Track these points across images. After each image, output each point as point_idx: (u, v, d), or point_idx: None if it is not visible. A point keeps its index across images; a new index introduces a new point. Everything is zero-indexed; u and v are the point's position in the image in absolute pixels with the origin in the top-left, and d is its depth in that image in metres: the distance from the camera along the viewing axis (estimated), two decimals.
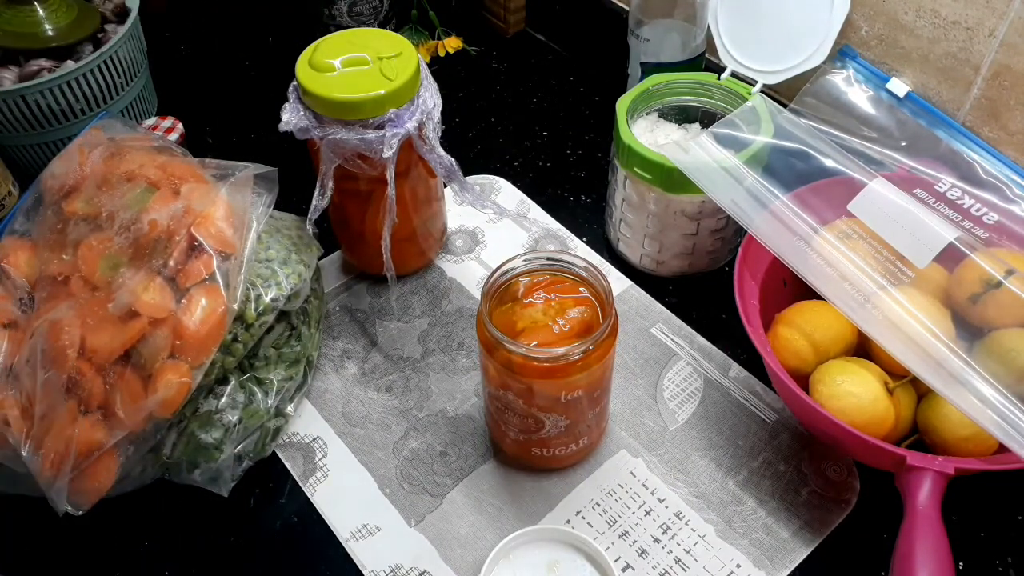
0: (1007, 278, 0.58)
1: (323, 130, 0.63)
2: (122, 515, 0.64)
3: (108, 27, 0.89)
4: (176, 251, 0.59)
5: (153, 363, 0.57)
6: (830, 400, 0.59)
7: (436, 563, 0.61)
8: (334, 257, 0.82)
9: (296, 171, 0.73)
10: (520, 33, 1.08)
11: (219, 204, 0.62)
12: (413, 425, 0.69)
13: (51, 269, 0.61)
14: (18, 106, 0.80)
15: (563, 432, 0.61)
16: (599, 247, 0.82)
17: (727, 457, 0.66)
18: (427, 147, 0.67)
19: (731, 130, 0.68)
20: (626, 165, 0.71)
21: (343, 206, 0.73)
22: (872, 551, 0.61)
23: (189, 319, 0.58)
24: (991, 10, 0.64)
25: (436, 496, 0.65)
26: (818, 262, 0.60)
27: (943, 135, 0.70)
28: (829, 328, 0.63)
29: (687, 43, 0.80)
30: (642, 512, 0.63)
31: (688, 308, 0.76)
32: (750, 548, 0.61)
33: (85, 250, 0.61)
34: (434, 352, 0.74)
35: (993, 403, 0.53)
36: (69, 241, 0.62)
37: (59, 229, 0.63)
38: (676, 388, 0.70)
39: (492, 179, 0.89)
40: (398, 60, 0.64)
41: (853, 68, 0.73)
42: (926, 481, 0.53)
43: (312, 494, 0.65)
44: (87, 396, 0.57)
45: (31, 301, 0.61)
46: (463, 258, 0.82)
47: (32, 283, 0.62)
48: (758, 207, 0.63)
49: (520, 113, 0.97)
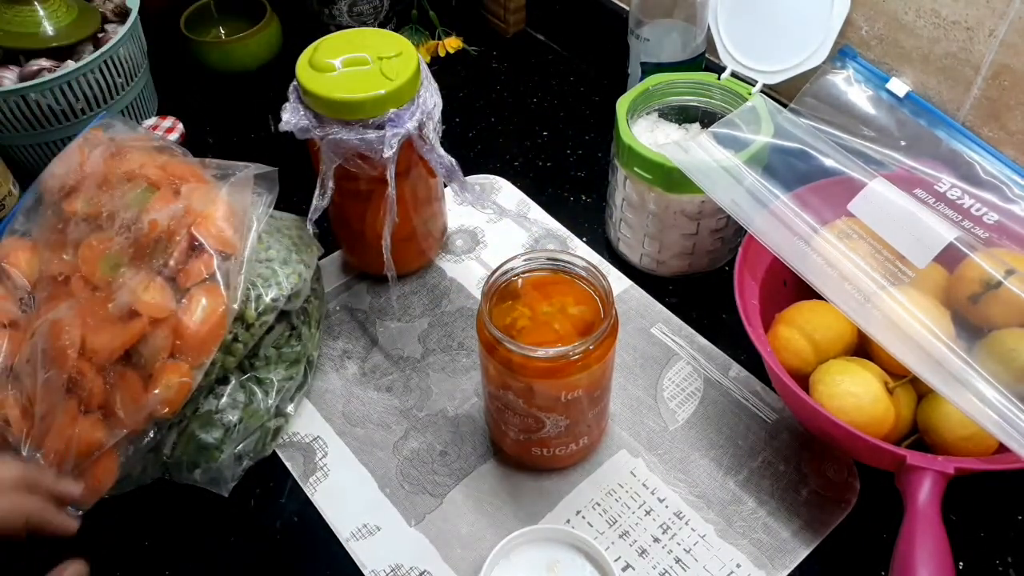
0: (1007, 278, 0.58)
1: (323, 130, 0.63)
2: (122, 515, 0.64)
3: (108, 27, 0.89)
4: (176, 251, 0.59)
5: (153, 363, 0.57)
6: (830, 400, 0.59)
7: (436, 563, 0.61)
8: (334, 257, 0.82)
9: (296, 171, 0.73)
10: (520, 33, 1.08)
11: (219, 204, 0.62)
12: (413, 425, 0.69)
13: (51, 269, 0.61)
14: (18, 106, 0.80)
15: (563, 432, 0.61)
16: (599, 247, 0.82)
17: (727, 457, 0.66)
18: (427, 147, 0.67)
19: (731, 130, 0.68)
20: (626, 165, 0.71)
21: (343, 206, 0.73)
22: (872, 551, 0.61)
23: (189, 319, 0.58)
24: (991, 10, 0.64)
25: (436, 496, 0.65)
26: (818, 262, 0.60)
27: (943, 135, 0.70)
28: (829, 328, 0.63)
29: (687, 43, 0.80)
30: (642, 512, 0.63)
31: (688, 308, 0.76)
32: (750, 548, 0.61)
33: (86, 250, 0.61)
34: (434, 352, 0.74)
35: (993, 403, 0.53)
36: (69, 241, 0.62)
37: (59, 229, 0.63)
38: (676, 388, 0.70)
39: (492, 179, 0.89)
40: (398, 60, 0.64)
41: (853, 68, 0.73)
42: (926, 481, 0.53)
43: (312, 494, 0.65)
44: (87, 396, 0.57)
45: (32, 301, 0.61)
46: (463, 258, 0.82)
47: (32, 283, 0.62)
48: (758, 207, 0.63)
49: (520, 113, 0.97)
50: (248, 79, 1.01)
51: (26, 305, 0.61)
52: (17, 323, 0.61)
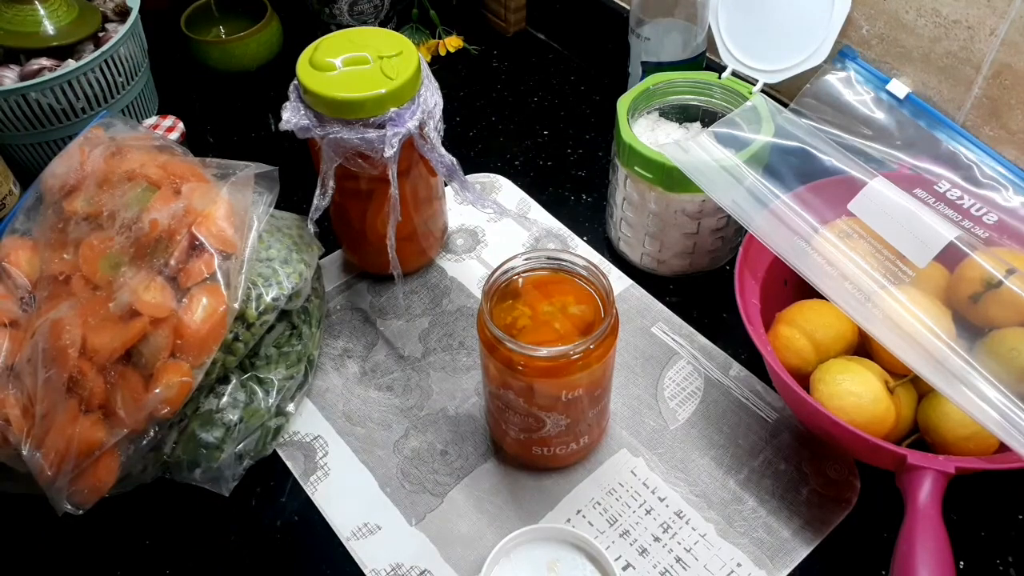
0: (1008, 277, 0.58)
1: (324, 129, 0.63)
2: (122, 515, 0.64)
3: (109, 26, 0.89)
4: (177, 250, 0.59)
5: (154, 362, 0.58)
6: (831, 399, 0.59)
7: (437, 562, 0.61)
8: (335, 256, 0.82)
9: (297, 170, 0.73)
10: (521, 32, 1.08)
11: (220, 203, 0.62)
12: (414, 424, 0.69)
13: (52, 268, 0.61)
14: (19, 105, 0.80)
15: (564, 431, 0.61)
16: (600, 246, 0.82)
17: (727, 456, 0.66)
18: (428, 146, 0.67)
19: (732, 129, 0.68)
20: (627, 164, 0.71)
21: (344, 205, 0.73)
22: (873, 550, 0.61)
23: (190, 318, 0.58)
24: (992, 9, 0.64)
25: (437, 495, 0.65)
26: (819, 261, 0.60)
27: (943, 136, 0.70)
28: (830, 327, 0.63)
29: (688, 42, 0.80)
30: (643, 511, 0.63)
31: (689, 307, 0.76)
32: (750, 547, 0.61)
33: (86, 249, 0.61)
34: (435, 351, 0.74)
35: (994, 402, 0.53)
36: (70, 240, 0.62)
37: (60, 228, 0.63)
38: (677, 387, 0.70)
39: (493, 178, 0.89)
40: (399, 59, 0.64)
41: (853, 69, 0.73)
42: (927, 480, 0.53)
43: (313, 493, 0.65)
44: (88, 395, 0.57)
45: (32, 300, 0.61)
46: (464, 257, 0.82)
47: (33, 282, 0.62)
48: (758, 206, 0.63)
49: (521, 112, 0.97)
50: (248, 78, 1.01)
51: (27, 304, 0.61)
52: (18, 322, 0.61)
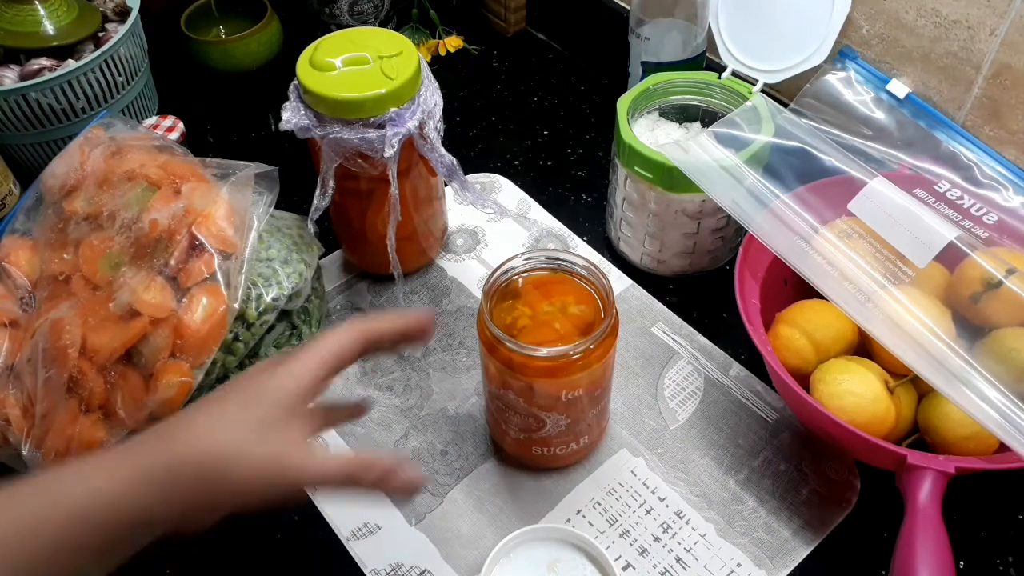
0: (1008, 277, 0.58)
1: (324, 129, 0.63)
2: None
3: (109, 26, 0.89)
4: (177, 250, 0.60)
5: (154, 362, 0.58)
6: (831, 399, 0.59)
7: (437, 562, 0.61)
8: (335, 256, 0.82)
9: (297, 170, 0.73)
10: (521, 32, 1.08)
11: (220, 203, 0.62)
12: (414, 424, 0.69)
13: (52, 268, 0.61)
14: (19, 105, 0.80)
15: (564, 431, 0.61)
16: (600, 246, 0.82)
17: (727, 456, 0.66)
18: (428, 146, 0.67)
19: (732, 129, 0.68)
20: (627, 164, 0.71)
21: (344, 205, 0.73)
22: (872, 550, 0.61)
23: (190, 318, 0.58)
24: (992, 9, 0.64)
25: (437, 495, 0.65)
26: (819, 261, 0.60)
27: (943, 137, 0.70)
28: (830, 327, 0.63)
29: (688, 42, 0.80)
30: (643, 511, 0.63)
31: (689, 307, 0.76)
32: (751, 547, 0.61)
33: (86, 249, 0.61)
34: (435, 351, 0.74)
35: (994, 402, 0.53)
36: (70, 240, 0.62)
37: (60, 228, 0.63)
38: (677, 387, 0.70)
39: (493, 178, 0.89)
40: (399, 59, 0.64)
41: (853, 70, 0.73)
42: (927, 480, 0.53)
43: (312, 493, 0.65)
44: (88, 395, 0.57)
45: (32, 300, 0.61)
46: (464, 257, 0.82)
47: (33, 282, 0.62)
48: (758, 206, 0.63)
49: (521, 112, 0.97)
50: (248, 78, 1.01)
51: (27, 304, 0.61)
52: (18, 322, 0.61)
